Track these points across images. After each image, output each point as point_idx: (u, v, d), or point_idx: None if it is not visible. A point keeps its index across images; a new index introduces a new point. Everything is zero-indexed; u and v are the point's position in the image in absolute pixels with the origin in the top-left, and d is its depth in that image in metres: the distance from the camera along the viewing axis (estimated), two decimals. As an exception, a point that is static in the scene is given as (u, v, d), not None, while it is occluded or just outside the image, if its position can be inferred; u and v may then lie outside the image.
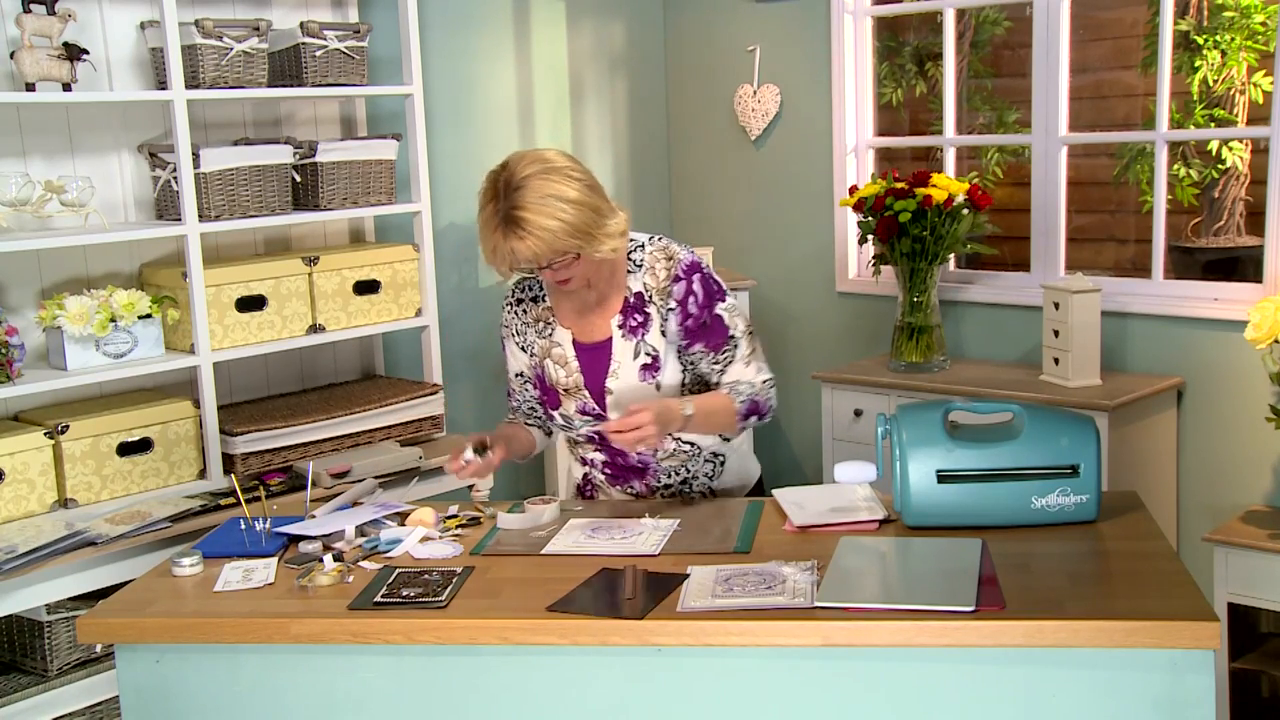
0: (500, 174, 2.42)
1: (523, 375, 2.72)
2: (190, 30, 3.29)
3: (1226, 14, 4.47)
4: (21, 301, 3.27)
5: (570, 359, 2.62)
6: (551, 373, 2.64)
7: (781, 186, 4.66)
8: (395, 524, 2.54)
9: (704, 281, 2.58)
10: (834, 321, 4.57)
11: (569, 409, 2.64)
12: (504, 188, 2.40)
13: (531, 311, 2.69)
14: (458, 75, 4.25)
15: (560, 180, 2.40)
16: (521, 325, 2.70)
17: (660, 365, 2.58)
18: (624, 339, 2.58)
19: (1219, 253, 4.70)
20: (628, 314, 2.58)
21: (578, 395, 2.62)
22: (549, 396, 2.66)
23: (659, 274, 2.57)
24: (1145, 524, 2.32)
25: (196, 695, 2.18)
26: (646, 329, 2.58)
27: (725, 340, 2.59)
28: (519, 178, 2.39)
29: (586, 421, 2.64)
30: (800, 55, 4.53)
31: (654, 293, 2.57)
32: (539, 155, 2.44)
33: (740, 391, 2.58)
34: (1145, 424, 3.66)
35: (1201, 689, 1.90)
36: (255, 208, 3.47)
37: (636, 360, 2.58)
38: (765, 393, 2.60)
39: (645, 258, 2.58)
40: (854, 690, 2.00)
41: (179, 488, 3.29)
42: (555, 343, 2.64)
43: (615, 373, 2.59)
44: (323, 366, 3.91)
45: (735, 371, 2.61)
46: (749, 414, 2.58)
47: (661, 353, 2.57)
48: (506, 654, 2.08)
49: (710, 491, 2.71)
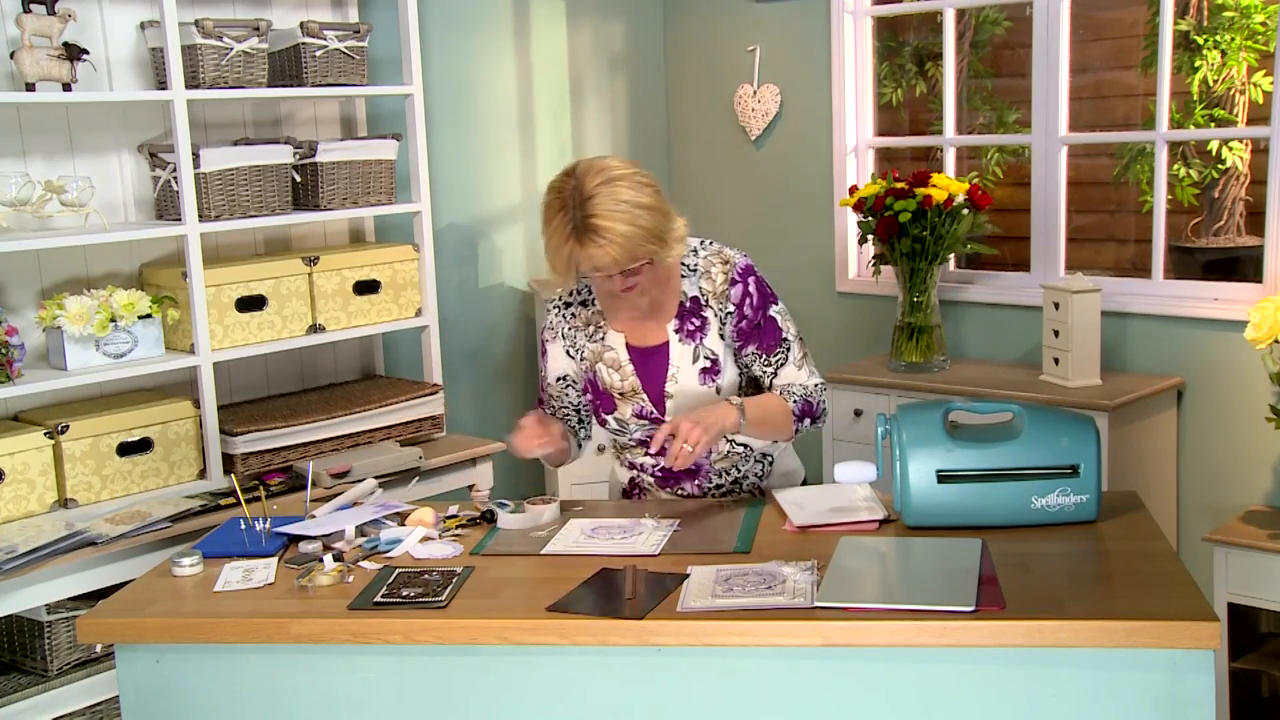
0: (567, 184, 2.41)
1: (566, 379, 2.69)
2: (190, 30, 3.29)
3: (1226, 14, 4.47)
4: (21, 301, 3.27)
5: (624, 362, 2.61)
6: (605, 377, 2.63)
7: (781, 186, 4.66)
8: (395, 524, 2.54)
9: (758, 284, 2.60)
10: (834, 321, 4.57)
11: (625, 413, 2.63)
12: (575, 198, 2.38)
13: (581, 315, 2.67)
14: (458, 75, 4.25)
15: (631, 187, 2.41)
16: (570, 329, 2.67)
17: (720, 368, 2.59)
18: (681, 343, 2.59)
19: (1219, 253, 4.70)
20: (684, 318, 2.59)
21: (634, 399, 2.61)
22: (602, 401, 2.65)
23: (715, 278, 2.58)
24: (1145, 524, 2.32)
25: (196, 695, 2.18)
26: (704, 333, 2.59)
27: (779, 343, 2.60)
28: (590, 187, 2.38)
29: (642, 426, 2.62)
30: (800, 55, 4.53)
31: (711, 297, 2.58)
32: (604, 164, 2.44)
33: (793, 393, 2.58)
34: (1145, 424, 3.66)
35: (1201, 689, 1.90)
36: (255, 208, 3.47)
37: (695, 364, 2.58)
38: (817, 395, 2.61)
39: (700, 262, 2.60)
40: (854, 690, 2.00)
41: (179, 488, 3.29)
42: (608, 346, 2.63)
43: (674, 377, 2.59)
44: (323, 366, 3.91)
45: (787, 374, 2.61)
46: (803, 415, 2.58)
47: (720, 356, 2.59)
48: (506, 654, 2.08)
49: (759, 491, 2.71)
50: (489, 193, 4.37)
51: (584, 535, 2.43)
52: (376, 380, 3.93)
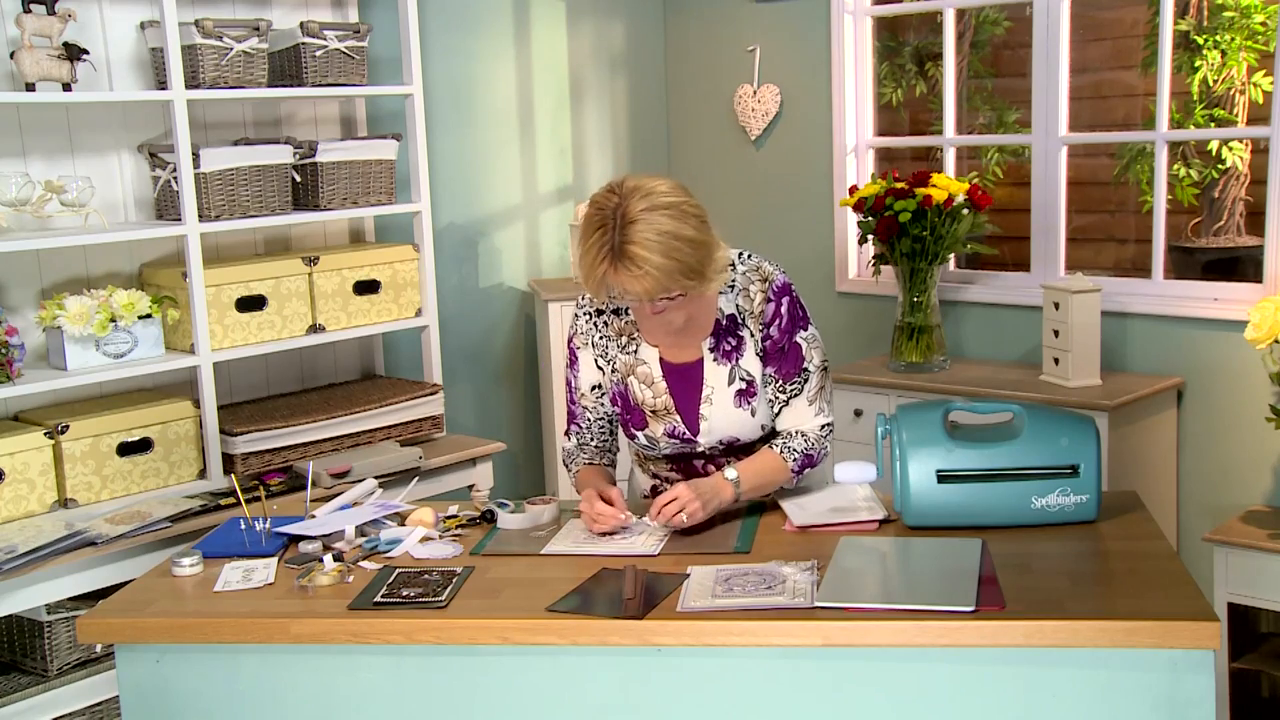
0: (610, 201, 2.30)
1: (600, 388, 2.60)
2: (190, 30, 3.29)
3: (1226, 14, 4.47)
4: (21, 301, 3.27)
5: (657, 379, 2.52)
6: (637, 392, 2.54)
7: (781, 186, 4.66)
8: (395, 524, 2.54)
9: (791, 305, 2.50)
10: (834, 321, 4.57)
11: (656, 431, 2.54)
12: (619, 219, 2.26)
13: (613, 325, 2.56)
14: (458, 75, 4.25)
15: (678, 217, 2.29)
16: (601, 338, 2.57)
17: (756, 390, 2.50)
18: (717, 364, 2.50)
19: (1219, 253, 4.70)
20: (721, 337, 2.50)
21: (667, 418, 2.53)
22: (633, 417, 2.56)
23: (753, 296, 2.49)
24: (1145, 524, 2.32)
25: (196, 695, 2.18)
26: (741, 353, 2.49)
27: (798, 371, 2.50)
28: (635, 211, 2.26)
29: (673, 444, 2.55)
30: (800, 55, 4.53)
31: (748, 315, 2.49)
32: (652, 188, 2.31)
33: (794, 449, 2.49)
34: (1145, 424, 3.66)
35: (1201, 689, 1.90)
36: (255, 208, 3.47)
37: (731, 386, 2.49)
38: (819, 444, 2.51)
39: (738, 278, 2.49)
40: (854, 690, 2.00)
41: (179, 488, 3.29)
42: (641, 360, 2.53)
43: (709, 398, 2.50)
44: (323, 366, 3.91)
45: (796, 409, 2.51)
46: (803, 469, 2.51)
47: (757, 378, 2.50)
48: (506, 654, 2.08)
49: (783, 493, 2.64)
50: (489, 193, 4.37)
51: (584, 535, 2.43)
52: (376, 380, 3.93)
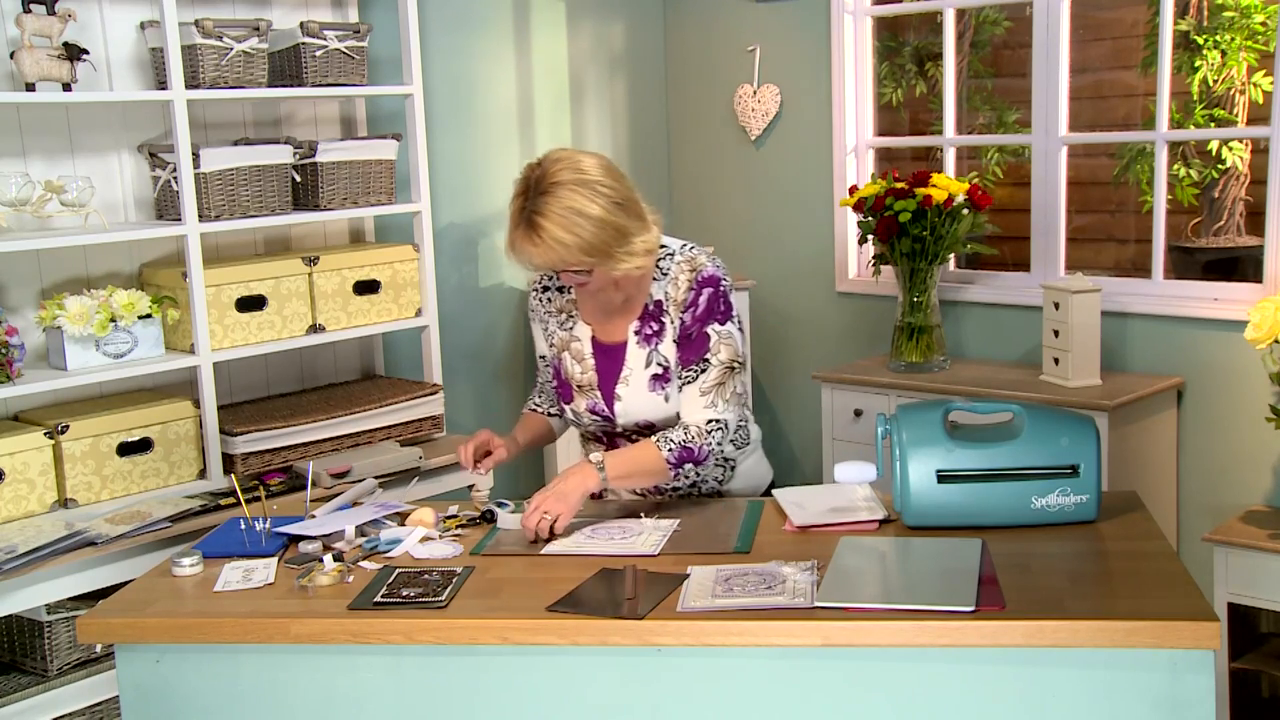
0: (534, 171, 2.40)
1: (545, 359, 2.74)
2: (190, 30, 3.29)
3: (1226, 14, 4.47)
4: (21, 301, 3.27)
5: (587, 356, 2.62)
6: (568, 367, 2.65)
7: (781, 186, 4.66)
8: (395, 524, 2.54)
9: (713, 297, 2.53)
10: (834, 321, 4.57)
11: (580, 406, 2.64)
12: (533, 187, 2.38)
13: (556, 301, 2.68)
14: (458, 75, 4.25)
15: (588, 195, 2.36)
16: (545, 313, 2.70)
17: (671, 377, 2.56)
18: (639, 346, 2.57)
19: (1219, 253, 4.70)
20: (645, 321, 2.57)
21: (589, 394, 2.62)
22: (563, 390, 2.67)
23: (680, 284, 2.54)
24: (1145, 524, 2.32)
25: (196, 695, 2.18)
26: (660, 338, 2.56)
27: (697, 360, 2.53)
28: (548, 182, 2.36)
29: (595, 421, 2.64)
30: (800, 55, 4.53)
31: (672, 303, 2.54)
32: (576, 163, 2.40)
33: (672, 441, 2.49)
34: (1145, 424, 3.66)
35: (1201, 689, 1.90)
36: (255, 208, 3.47)
37: (648, 369, 2.57)
38: (702, 439, 2.50)
39: (673, 267, 2.55)
40: (854, 690, 2.00)
41: (179, 488, 3.29)
42: (575, 337, 2.64)
43: (626, 379, 2.58)
44: (323, 366, 3.91)
45: (688, 395, 2.53)
46: (682, 462, 2.49)
47: (673, 364, 2.56)
48: (506, 654, 2.08)
49: (719, 494, 2.70)
50: (489, 193, 4.37)
51: (584, 535, 2.43)
52: (376, 380, 3.93)
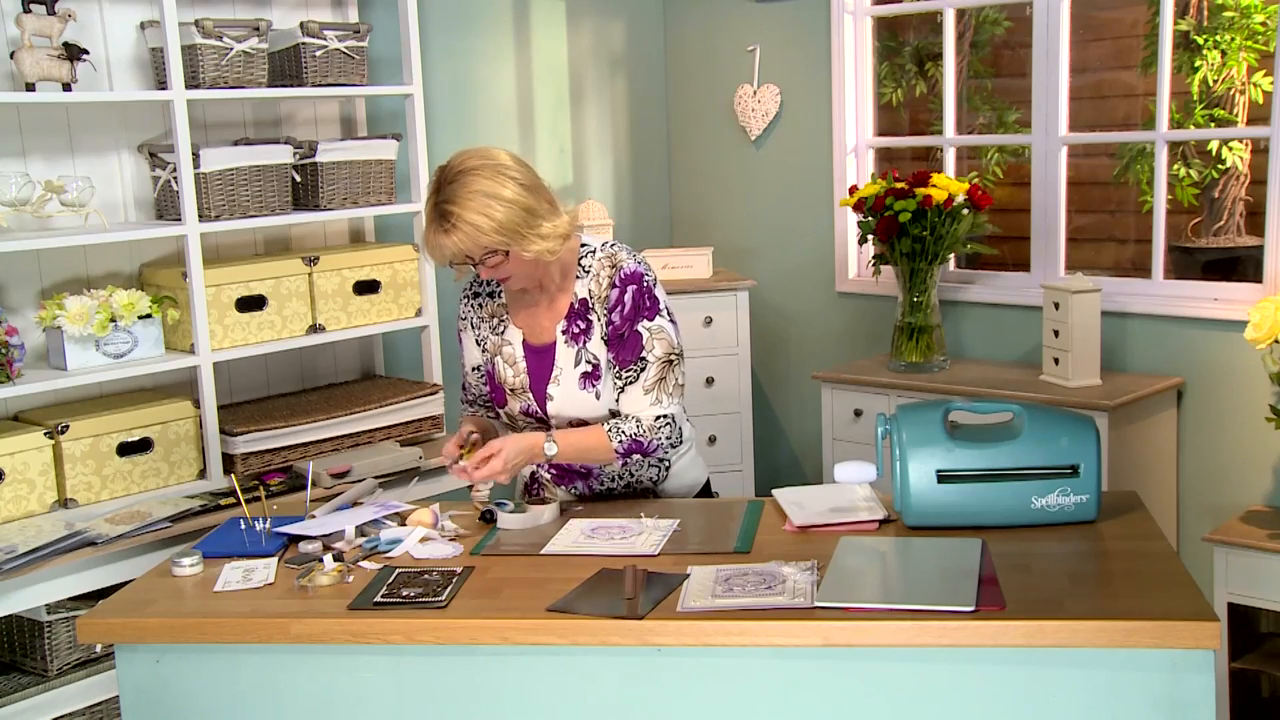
0: (443, 169, 2.47)
1: (479, 369, 2.75)
2: (190, 30, 3.29)
3: (1226, 14, 4.47)
4: (21, 301, 3.27)
5: (519, 359, 2.65)
6: (501, 371, 2.67)
7: (781, 186, 4.66)
8: (395, 524, 2.54)
9: (637, 294, 2.55)
10: (834, 321, 4.57)
11: (514, 409, 2.67)
12: (442, 181, 2.44)
13: (487, 307, 2.71)
14: (458, 75, 4.25)
15: (493, 177, 2.42)
16: (477, 319, 2.73)
17: (600, 374, 2.58)
18: (567, 345, 2.60)
19: (1219, 253, 4.70)
20: (572, 319, 2.59)
21: (523, 396, 2.65)
22: (496, 394, 2.70)
23: (602, 281, 2.57)
24: (1145, 524, 2.32)
25: (196, 695, 2.18)
26: (588, 336, 2.58)
27: (634, 359, 2.55)
28: (454, 172, 2.44)
29: (529, 423, 2.66)
30: (800, 55, 4.53)
31: (596, 300, 2.57)
32: (483, 152, 2.47)
33: (622, 430, 2.54)
34: (1145, 424, 3.66)
35: (1201, 689, 1.90)
36: (255, 208, 3.47)
37: (577, 368, 2.58)
38: (652, 433, 2.55)
39: (594, 264, 2.58)
40: (854, 690, 2.00)
41: (179, 488, 3.29)
42: (506, 341, 2.66)
43: (557, 379, 2.60)
44: (323, 366, 3.91)
45: (631, 396, 2.56)
46: (629, 453, 2.55)
47: (602, 362, 2.58)
48: (506, 654, 2.08)
49: (654, 495, 2.72)
50: (489, 193, 4.36)
51: (584, 535, 2.43)
52: (376, 380, 3.93)
